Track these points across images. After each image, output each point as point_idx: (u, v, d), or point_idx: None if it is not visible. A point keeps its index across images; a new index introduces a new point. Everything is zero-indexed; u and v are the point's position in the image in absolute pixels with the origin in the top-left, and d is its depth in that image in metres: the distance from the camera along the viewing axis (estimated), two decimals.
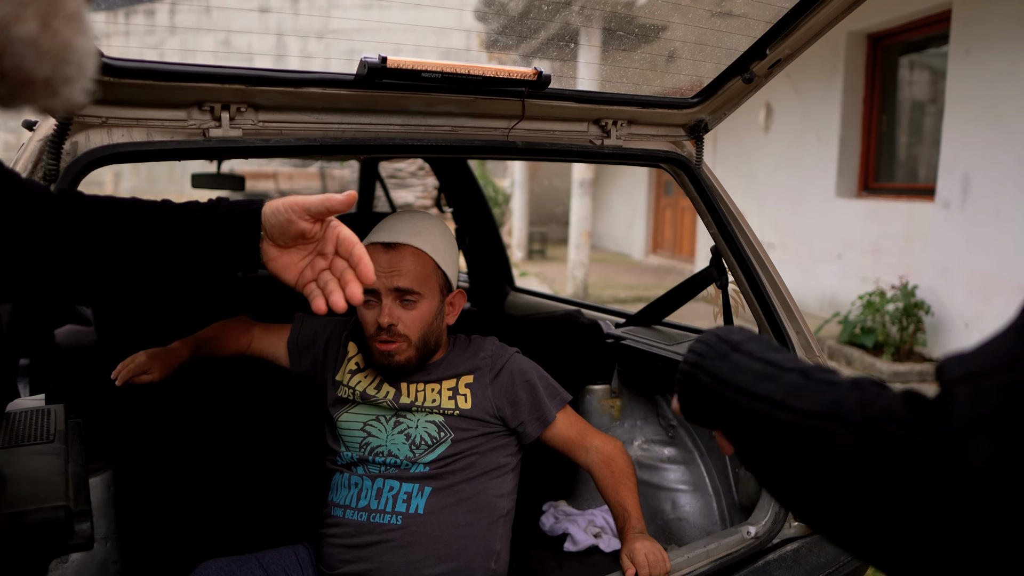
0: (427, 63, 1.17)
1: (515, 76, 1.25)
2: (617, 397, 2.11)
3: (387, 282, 1.43)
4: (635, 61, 1.79)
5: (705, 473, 1.94)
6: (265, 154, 1.18)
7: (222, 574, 1.42)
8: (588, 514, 1.99)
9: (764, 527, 1.63)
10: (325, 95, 1.19)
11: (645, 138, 1.59)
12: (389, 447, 1.48)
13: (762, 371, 0.64)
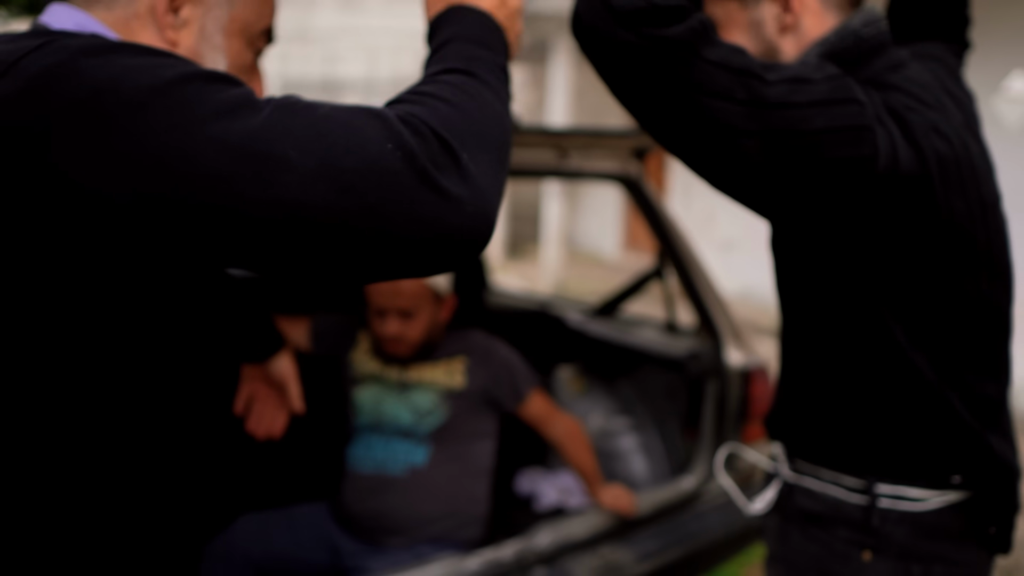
0: None
1: None
2: (581, 377, 2.48)
3: (391, 303, 1.80)
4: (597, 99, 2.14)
5: (654, 441, 2.31)
6: None
7: (257, 525, 1.76)
8: (557, 477, 2.35)
9: (699, 480, 1.99)
10: None
11: (599, 160, 1.95)
12: (396, 415, 1.84)
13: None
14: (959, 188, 0.99)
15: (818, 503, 1.11)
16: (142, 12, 0.79)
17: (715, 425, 2.02)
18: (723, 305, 2.03)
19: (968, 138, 1.05)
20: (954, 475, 1.04)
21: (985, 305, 1.04)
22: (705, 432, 2.03)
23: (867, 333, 1.02)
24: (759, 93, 0.90)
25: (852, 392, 1.07)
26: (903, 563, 1.04)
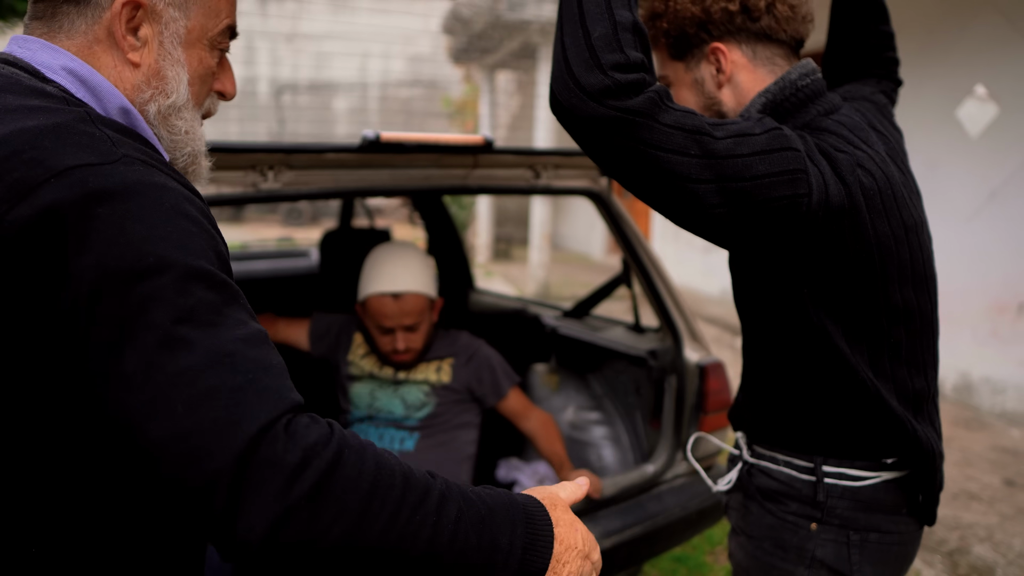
0: (408, 136, 1.70)
1: (469, 142, 1.80)
2: (555, 374, 2.69)
3: (398, 322, 1.99)
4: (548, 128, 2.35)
5: (622, 432, 2.51)
6: (297, 199, 1.71)
7: None
8: (532, 465, 2.54)
9: (659, 466, 2.20)
10: (337, 158, 1.72)
11: (568, 177, 2.15)
12: (390, 407, 2.04)
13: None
14: (883, 214, 1.14)
15: (774, 481, 1.28)
16: (102, 37, 0.82)
17: (675, 416, 2.23)
18: (683, 308, 2.24)
19: (892, 169, 1.21)
20: (888, 457, 1.22)
21: (911, 311, 1.21)
22: (666, 423, 2.23)
23: (812, 339, 1.18)
24: (710, 147, 1.05)
25: (802, 389, 1.24)
26: (843, 531, 1.22)
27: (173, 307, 0.67)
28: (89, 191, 0.67)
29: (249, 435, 0.65)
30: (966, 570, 3.09)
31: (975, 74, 5.07)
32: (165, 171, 0.75)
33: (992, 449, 4.41)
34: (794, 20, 1.26)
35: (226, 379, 0.67)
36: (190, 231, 0.71)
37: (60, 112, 0.74)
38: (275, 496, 0.64)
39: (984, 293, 5.09)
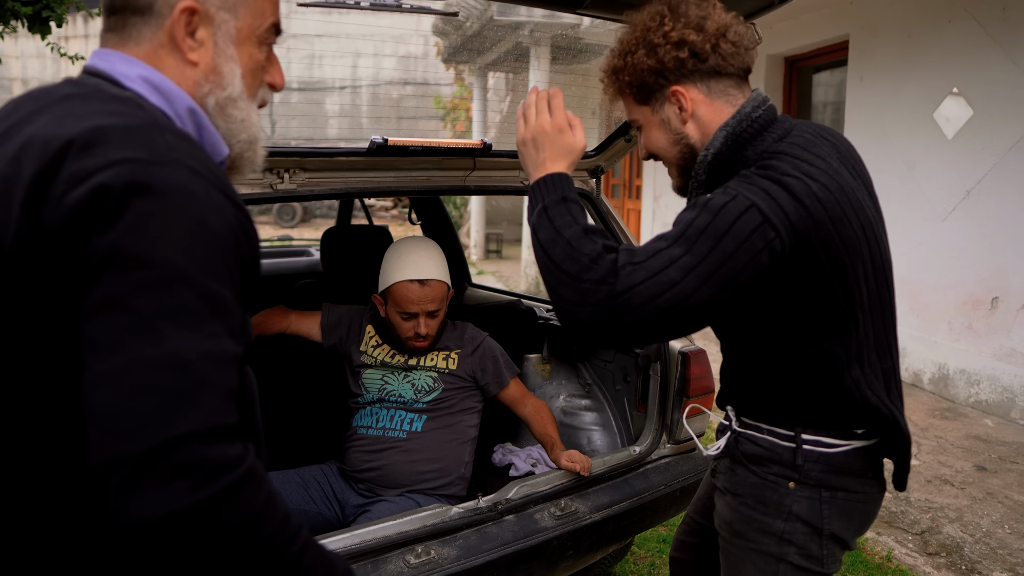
0: (413, 140, 1.86)
1: (468, 146, 1.95)
2: (547, 363, 2.84)
3: (422, 307, 2.14)
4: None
5: (610, 418, 2.67)
6: (310, 199, 1.86)
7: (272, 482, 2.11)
8: (526, 450, 2.70)
9: (645, 448, 2.35)
10: (348, 161, 1.88)
11: None
12: (400, 391, 2.20)
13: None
14: (845, 220, 1.26)
15: (758, 447, 1.44)
16: (165, 41, 0.94)
17: (660, 401, 2.38)
18: None
19: (845, 176, 1.34)
20: (858, 428, 1.40)
21: (874, 302, 1.36)
22: (651, 407, 2.39)
23: (790, 339, 1.34)
24: (685, 264, 1.20)
25: (782, 378, 1.40)
26: (816, 490, 1.39)
27: (158, 302, 0.75)
28: (133, 181, 0.77)
29: (169, 436, 0.72)
30: (936, 548, 3.27)
31: (950, 77, 5.26)
32: (209, 178, 0.86)
33: (966, 437, 4.59)
34: (738, 54, 1.39)
35: (174, 382, 0.74)
36: (202, 242, 0.80)
37: (133, 116, 0.85)
38: (169, 496, 0.71)
39: (960, 288, 5.27)
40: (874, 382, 1.37)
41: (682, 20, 1.36)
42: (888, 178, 5.90)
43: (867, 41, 6.08)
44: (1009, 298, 4.90)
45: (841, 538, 1.42)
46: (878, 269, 1.37)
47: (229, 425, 0.77)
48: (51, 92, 0.91)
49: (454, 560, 1.80)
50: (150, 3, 0.93)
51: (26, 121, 0.86)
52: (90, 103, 0.87)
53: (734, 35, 1.38)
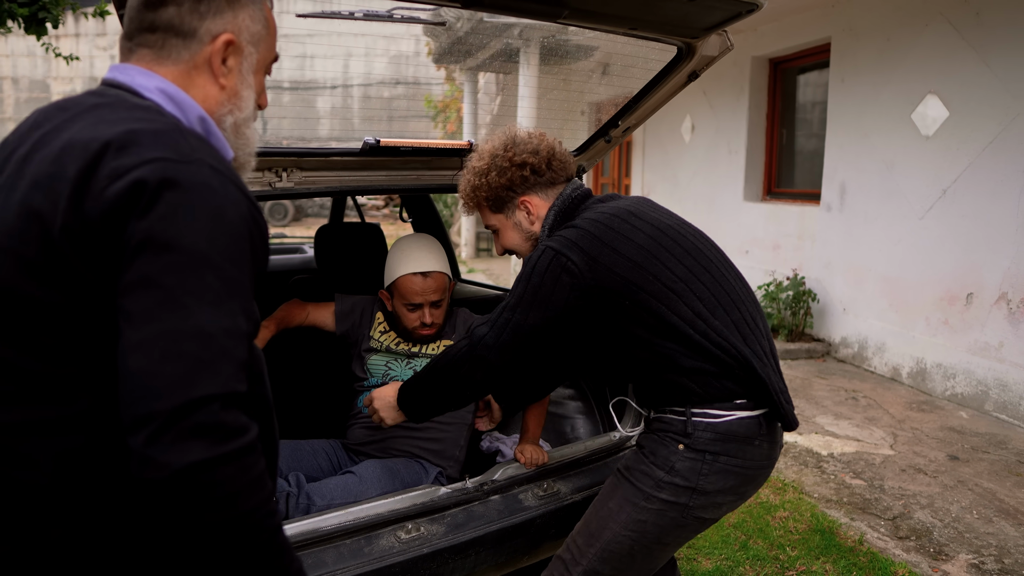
0: (404, 142, 1.97)
1: (456, 146, 2.07)
2: None
3: (426, 298, 2.27)
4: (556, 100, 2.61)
5: (593, 406, 2.79)
6: (307, 196, 1.97)
7: (289, 450, 2.22)
8: (513, 438, 2.82)
9: (624, 433, 2.48)
10: (342, 161, 1.99)
11: None
12: (402, 376, 2.32)
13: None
14: (625, 235, 1.65)
15: (661, 422, 1.74)
16: (200, 64, 1.08)
17: None
18: None
19: (628, 203, 1.75)
20: (739, 399, 1.66)
21: (695, 274, 1.67)
22: (630, 395, 2.51)
23: (641, 349, 1.69)
24: (511, 304, 1.70)
25: (654, 377, 1.72)
26: (701, 454, 1.65)
27: (185, 281, 0.88)
28: (165, 177, 0.90)
29: (192, 397, 0.84)
30: (906, 532, 3.41)
31: (928, 80, 5.42)
32: (227, 175, 0.99)
33: (941, 429, 4.74)
34: (567, 166, 1.85)
35: (198, 351, 0.86)
36: (222, 231, 0.92)
37: (158, 121, 0.98)
38: (190, 450, 0.83)
39: (937, 285, 5.43)
40: (725, 331, 1.65)
41: (520, 147, 1.81)
42: (869, 177, 6.06)
43: (848, 44, 6.22)
44: (983, 294, 5.05)
45: (716, 492, 1.68)
46: (689, 251, 1.71)
47: (241, 392, 0.89)
48: (79, 103, 1.04)
49: (442, 536, 1.92)
50: (193, 29, 1.07)
51: (61, 128, 0.98)
52: (118, 111, 0.99)
53: (560, 154, 1.85)
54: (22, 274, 0.92)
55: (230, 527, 0.88)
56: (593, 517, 1.79)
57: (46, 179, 0.93)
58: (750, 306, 1.75)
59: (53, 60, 20.58)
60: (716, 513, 1.73)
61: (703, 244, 1.77)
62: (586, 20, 1.79)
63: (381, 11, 1.77)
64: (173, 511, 0.86)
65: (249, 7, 1.12)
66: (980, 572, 3.07)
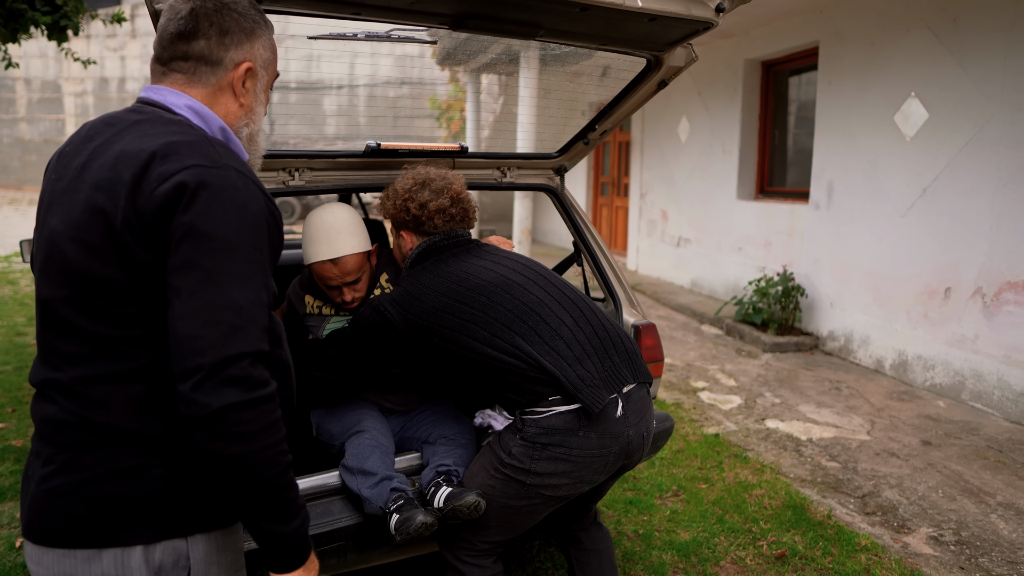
0: (402, 145, 2.23)
1: (449, 149, 2.33)
2: None
3: (341, 280, 2.31)
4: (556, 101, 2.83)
5: None
6: (316, 192, 2.23)
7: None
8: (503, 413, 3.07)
9: None
10: (347, 162, 2.24)
11: (528, 176, 2.67)
12: None
13: None
14: (414, 314, 2.03)
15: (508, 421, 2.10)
16: (224, 87, 1.30)
17: None
18: (623, 280, 2.77)
19: (484, 269, 2.10)
20: (552, 396, 1.93)
21: (520, 313, 2.00)
22: None
23: (476, 361, 2.01)
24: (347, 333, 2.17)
25: (488, 386, 2.05)
26: (531, 443, 1.94)
27: (219, 262, 1.12)
28: (201, 180, 1.13)
29: (228, 354, 1.09)
30: (873, 509, 3.65)
31: (909, 83, 5.65)
32: (249, 176, 1.23)
33: (918, 417, 4.98)
34: (444, 225, 2.19)
35: (231, 319, 1.11)
36: (245, 221, 1.15)
37: (190, 134, 1.22)
38: (225, 395, 1.08)
39: (917, 280, 5.66)
40: (521, 342, 1.95)
41: (416, 198, 2.18)
42: (854, 177, 6.29)
43: (835, 48, 6.45)
44: (960, 289, 5.28)
45: (548, 474, 1.94)
46: (488, 283, 2.06)
47: (265, 351, 1.15)
48: (123, 119, 1.28)
49: None
50: (220, 59, 1.30)
51: (112, 140, 1.23)
52: (156, 126, 1.24)
53: (446, 215, 2.18)
54: (90, 258, 1.16)
55: (249, 457, 1.12)
56: (467, 474, 2.15)
57: (106, 183, 1.17)
58: (554, 308, 2.05)
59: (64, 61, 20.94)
60: (557, 492, 1.98)
61: (509, 276, 2.10)
62: (560, 38, 2.04)
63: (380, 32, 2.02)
64: (209, 441, 1.10)
65: (263, 37, 1.34)
66: (938, 543, 3.31)
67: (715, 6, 2.02)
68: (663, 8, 1.89)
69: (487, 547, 2.10)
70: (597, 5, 1.78)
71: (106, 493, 1.19)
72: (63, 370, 1.20)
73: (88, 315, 1.18)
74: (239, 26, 1.30)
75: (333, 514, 2.03)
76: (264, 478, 1.15)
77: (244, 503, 1.17)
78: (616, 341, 2.08)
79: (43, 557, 1.21)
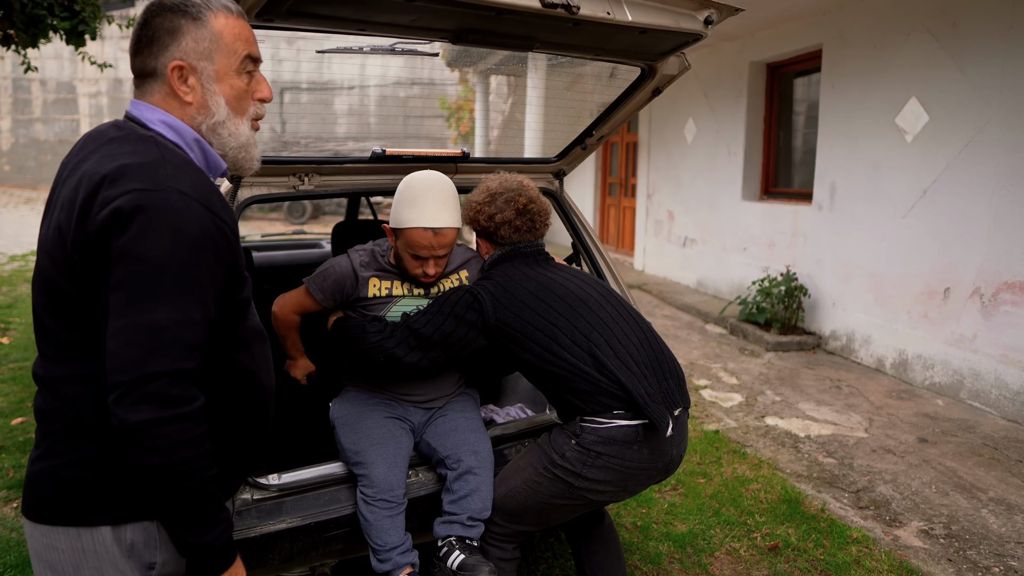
0: (406, 151, 2.34)
1: (451, 154, 2.44)
2: None
3: (433, 252, 2.22)
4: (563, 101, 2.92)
5: None
6: (324, 197, 2.35)
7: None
8: (505, 409, 3.19)
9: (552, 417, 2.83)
10: (354, 167, 2.36)
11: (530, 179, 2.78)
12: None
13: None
14: (504, 305, 2.13)
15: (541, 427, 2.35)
16: (169, 92, 1.33)
17: None
18: (618, 279, 2.88)
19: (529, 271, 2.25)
20: (616, 410, 2.04)
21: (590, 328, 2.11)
22: None
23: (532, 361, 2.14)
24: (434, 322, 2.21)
25: (554, 389, 2.14)
26: (586, 451, 2.04)
27: (146, 284, 1.18)
28: (137, 204, 1.18)
29: (144, 373, 1.17)
30: (866, 503, 3.74)
31: (910, 86, 5.72)
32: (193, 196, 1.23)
33: (916, 415, 5.05)
34: (511, 236, 2.31)
35: (151, 339, 1.17)
36: (180, 243, 1.20)
37: (148, 154, 1.26)
38: (141, 411, 1.17)
39: (917, 280, 5.73)
40: (599, 353, 2.06)
41: (485, 210, 2.32)
42: (856, 179, 6.36)
43: (838, 51, 6.53)
44: (959, 289, 5.35)
45: (597, 480, 2.05)
46: (570, 292, 2.19)
47: (188, 368, 1.21)
48: (103, 135, 1.36)
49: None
50: (155, 68, 1.35)
51: (85, 159, 1.32)
52: (124, 145, 1.28)
53: (511, 227, 2.30)
54: (57, 271, 1.27)
55: (165, 469, 1.21)
56: (511, 465, 2.25)
57: (68, 203, 1.26)
58: (624, 326, 2.17)
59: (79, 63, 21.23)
60: (600, 497, 2.10)
61: (586, 289, 2.23)
62: (555, 50, 2.15)
63: (384, 45, 2.13)
64: (128, 450, 1.21)
65: (190, 32, 1.33)
66: (928, 536, 3.40)
67: (704, 19, 2.12)
68: (653, 22, 2.00)
69: (514, 533, 2.23)
70: (589, 20, 1.89)
71: (77, 477, 1.31)
72: (44, 368, 1.33)
73: (59, 321, 1.29)
74: (162, 30, 1.33)
75: (340, 501, 2.15)
76: (179, 490, 1.23)
77: (162, 510, 1.26)
78: (671, 365, 2.19)
79: (33, 531, 1.35)
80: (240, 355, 1.40)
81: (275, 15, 1.66)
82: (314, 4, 1.65)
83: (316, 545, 2.10)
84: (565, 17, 1.84)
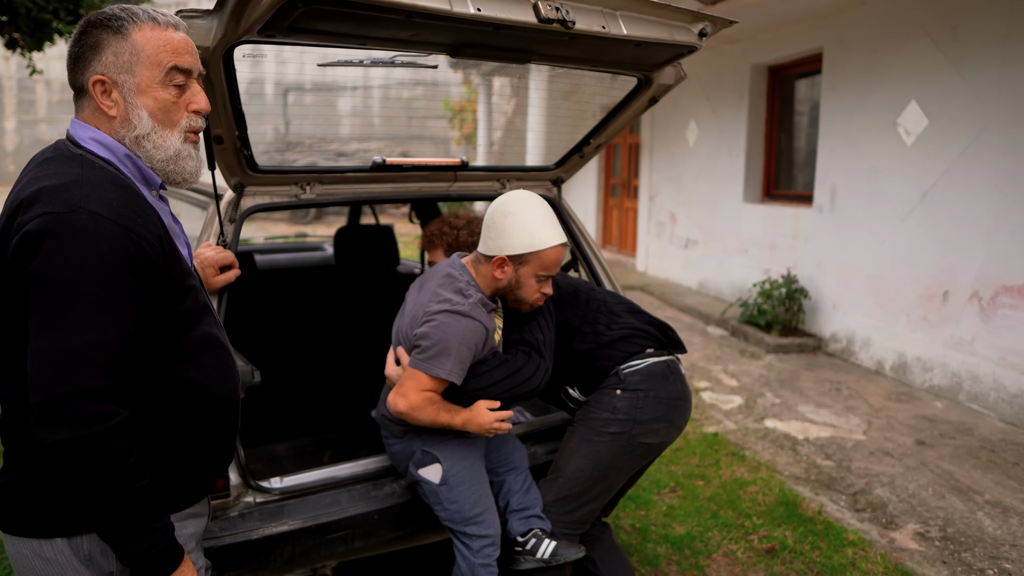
0: (405, 160, 2.39)
1: (450, 163, 2.49)
2: None
3: (557, 268, 2.14)
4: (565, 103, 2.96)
5: None
6: (326, 205, 2.40)
7: None
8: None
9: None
10: (355, 176, 2.41)
11: (527, 187, 2.82)
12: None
13: None
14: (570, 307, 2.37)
15: (598, 389, 2.34)
16: (95, 107, 1.34)
17: None
18: (614, 283, 2.92)
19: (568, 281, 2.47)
20: (648, 348, 2.33)
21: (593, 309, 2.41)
22: None
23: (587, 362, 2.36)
24: None
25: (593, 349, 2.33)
26: (635, 393, 2.19)
27: (56, 307, 1.19)
28: (46, 228, 1.19)
29: (55, 395, 1.19)
30: (863, 505, 3.77)
31: (909, 90, 5.75)
32: (107, 216, 1.23)
33: (915, 417, 5.08)
34: None
35: (61, 361, 1.19)
36: (91, 263, 1.19)
37: (70, 175, 1.26)
38: (56, 431, 1.19)
39: (916, 283, 5.76)
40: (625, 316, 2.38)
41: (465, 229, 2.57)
42: (856, 181, 6.39)
43: (839, 54, 6.55)
44: (958, 292, 5.38)
45: (650, 420, 2.23)
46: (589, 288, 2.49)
47: (102, 387, 1.22)
48: (41, 155, 1.36)
49: None
50: (81, 85, 1.37)
51: (19, 182, 1.34)
52: (51, 167, 1.30)
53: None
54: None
55: (90, 484, 1.24)
56: (558, 458, 2.33)
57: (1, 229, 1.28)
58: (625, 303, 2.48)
59: None
60: (654, 438, 2.27)
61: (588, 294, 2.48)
62: (552, 62, 2.19)
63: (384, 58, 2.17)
64: (54, 466, 1.24)
65: (111, 46, 1.33)
66: (924, 539, 3.44)
67: (698, 31, 2.16)
68: (647, 35, 2.04)
69: (580, 521, 2.30)
70: (585, 34, 1.93)
71: (29, 491, 1.35)
72: (1, 388, 1.36)
73: (5, 343, 1.32)
74: (87, 46, 1.34)
75: (341, 504, 2.20)
76: (107, 503, 1.25)
77: (97, 521, 1.28)
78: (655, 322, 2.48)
79: (5, 541, 1.40)
80: (179, 367, 1.39)
81: (277, 31, 1.71)
82: (315, 20, 1.69)
83: (318, 547, 2.14)
84: (561, 31, 1.88)
